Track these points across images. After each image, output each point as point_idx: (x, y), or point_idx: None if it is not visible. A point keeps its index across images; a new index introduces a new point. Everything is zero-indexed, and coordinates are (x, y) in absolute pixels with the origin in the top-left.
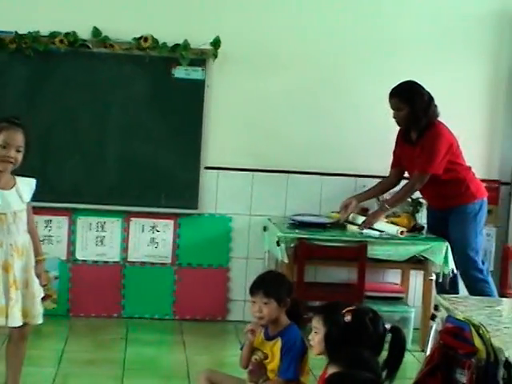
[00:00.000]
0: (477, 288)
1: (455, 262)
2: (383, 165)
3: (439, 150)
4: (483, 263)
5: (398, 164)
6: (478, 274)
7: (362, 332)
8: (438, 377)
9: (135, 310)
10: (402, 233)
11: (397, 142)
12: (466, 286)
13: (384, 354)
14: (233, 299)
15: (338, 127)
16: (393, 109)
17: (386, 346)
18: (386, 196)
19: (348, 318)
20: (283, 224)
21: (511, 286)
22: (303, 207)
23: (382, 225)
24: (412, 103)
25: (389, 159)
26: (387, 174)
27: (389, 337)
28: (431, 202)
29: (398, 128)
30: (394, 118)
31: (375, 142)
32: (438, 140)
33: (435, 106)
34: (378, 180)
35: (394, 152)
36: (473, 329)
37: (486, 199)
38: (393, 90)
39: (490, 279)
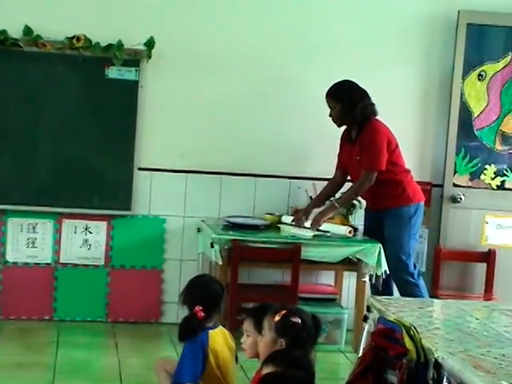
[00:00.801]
0: (407, 291)
1: (387, 264)
2: (317, 167)
3: (379, 145)
4: (415, 267)
5: (343, 166)
6: (409, 277)
7: (303, 329)
8: (369, 378)
9: (67, 312)
10: (350, 232)
11: (340, 144)
12: (398, 288)
13: None
14: (166, 301)
15: (272, 129)
16: (330, 107)
17: None
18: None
19: (298, 320)
20: (217, 226)
21: (442, 287)
22: (237, 209)
23: (329, 225)
24: (341, 101)
25: (324, 161)
26: (322, 176)
27: None
28: (368, 202)
29: (334, 130)
30: (330, 116)
31: (310, 144)
32: (375, 135)
33: (371, 103)
34: (312, 182)
35: (339, 154)
36: (403, 330)
37: (422, 204)
38: (329, 88)
39: (421, 282)
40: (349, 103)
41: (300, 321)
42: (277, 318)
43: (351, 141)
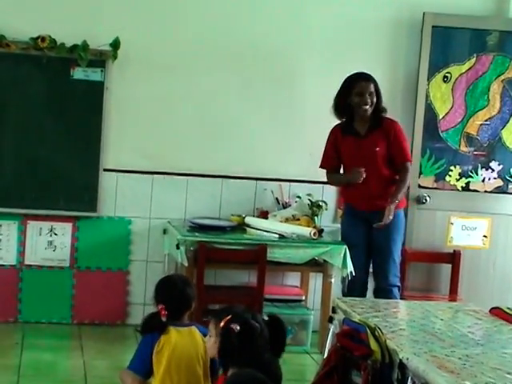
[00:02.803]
0: (393, 293)
1: (379, 266)
2: (283, 168)
3: (406, 137)
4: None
5: (334, 162)
6: (397, 280)
7: (253, 333)
8: (334, 378)
9: (32, 314)
10: (314, 234)
11: (333, 139)
12: (381, 290)
13: None
14: (132, 303)
15: (238, 130)
16: (366, 93)
17: None
18: None
19: (237, 327)
20: (183, 227)
21: (408, 288)
22: (203, 210)
23: (294, 227)
24: (377, 87)
25: (290, 162)
26: (288, 177)
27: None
28: (362, 201)
29: (300, 131)
30: (365, 104)
31: (275, 145)
32: (401, 128)
33: None
34: (278, 183)
35: (328, 151)
36: (368, 331)
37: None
38: (364, 74)
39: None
40: (379, 92)
41: (238, 328)
42: (222, 323)
43: (357, 134)
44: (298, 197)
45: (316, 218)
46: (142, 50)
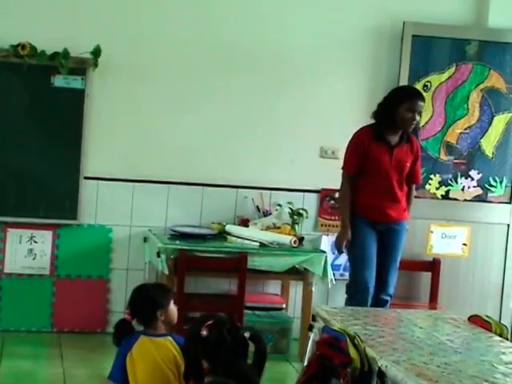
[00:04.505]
0: (388, 303)
1: (383, 277)
2: (263, 176)
3: None
4: None
5: (359, 167)
6: (394, 290)
7: (220, 344)
8: None
9: (12, 322)
10: (295, 242)
11: (361, 143)
12: (381, 301)
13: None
14: (113, 311)
15: (220, 138)
16: (417, 112)
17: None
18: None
19: (204, 332)
20: (164, 235)
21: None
22: (184, 218)
23: (274, 235)
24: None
25: (269, 170)
26: (269, 185)
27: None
28: (382, 214)
29: (283, 140)
30: (413, 121)
31: (256, 153)
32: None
33: None
34: (259, 191)
35: (357, 154)
36: (348, 339)
37: None
38: (420, 93)
39: None
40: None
41: (205, 333)
42: (204, 331)
43: (389, 144)
44: (279, 205)
45: (296, 226)
46: (122, 58)
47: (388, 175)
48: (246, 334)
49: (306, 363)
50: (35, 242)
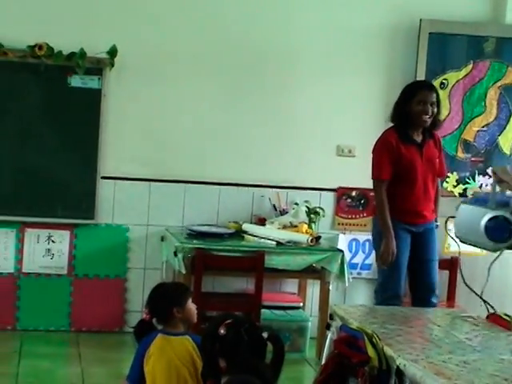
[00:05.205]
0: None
1: (432, 280)
2: (281, 174)
3: None
4: None
5: (391, 172)
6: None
7: (238, 343)
8: None
9: (30, 322)
10: (312, 241)
11: (391, 147)
12: (429, 303)
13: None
14: (130, 310)
15: (236, 137)
16: (428, 102)
17: None
18: None
19: (222, 331)
20: (181, 234)
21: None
22: (201, 217)
23: (291, 234)
24: (440, 101)
25: (286, 169)
26: (285, 184)
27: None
28: (419, 214)
29: (299, 138)
30: (425, 114)
31: (272, 152)
32: None
33: None
34: (275, 190)
35: (390, 160)
36: (366, 337)
37: None
38: (427, 82)
39: None
40: (440, 102)
41: (223, 332)
42: (221, 329)
43: (416, 143)
44: (296, 203)
45: (313, 224)
46: (139, 58)
47: (422, 175)
48: (264, 334)
49: (323, 362)
50: (53, 242)
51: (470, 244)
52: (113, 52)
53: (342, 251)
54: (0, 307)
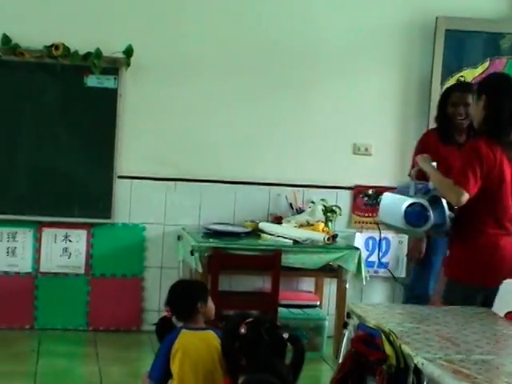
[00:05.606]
0: None
1: None
2: (296, 173)
3: None
4: None
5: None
6: None
7: (258, 342)
8: None
9: (48, 321)
10: (328, 239)
11: (429, 146)
12: None
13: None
14: (147, 309)
15: (252, 136)
16: (461, 104)
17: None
18: None
19: (242, 330)
20: (197, 233)
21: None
22: (217, 216)
23: (308, 232)
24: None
25: (302, 167)
26: (302, 183)
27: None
28: None
29: (318, 136)
30: (459, 115)
31: (289, 151)
32: None
33: None
34: (291, 189)
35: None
36: (383, 336)
37: None
38: (463, 84)
39: None
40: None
41: (243, 331)
42: (242, 328)
43: (457, 143)
44: (312, 202)
45: (330, 223)
46: (154, 57)
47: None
48: (285, 335)
49: (340, 360)
50: (70, 241)
51: (392, 230)
52: (129, 52)
53: (358, 249)
54: (18, 306)
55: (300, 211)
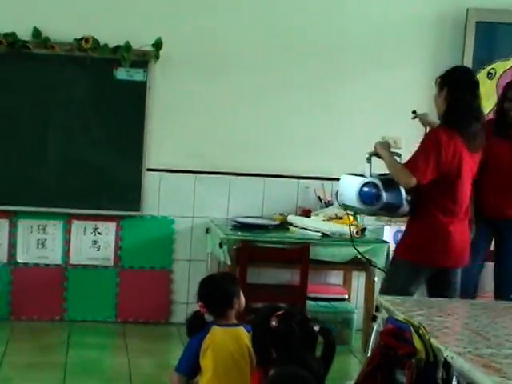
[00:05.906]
0: None
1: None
2: (325, 166)
3: None
4: None
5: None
6: None
7: (289, 335)
8: (378, 377)
9: (78, 312)
10: (357, 232)
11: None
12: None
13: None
14: (176, 301)
15: (280, 129)
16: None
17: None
18: None
19: (273, 323)
20: (226, 226)
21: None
22: (246, 209)
23: (337, 225)
24: None
25: (331, 160)
26: (330, 176)
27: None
28: (495, 209)
29: (344, 128)
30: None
31: (317, 143)
32: None
33: None
34: (319, 182)
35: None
36: (412, 329)
37: None
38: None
39: None
40: None
41: (275, 324)
42: (273, 321)
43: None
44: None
45: (358, 216)
46: (183, 50)
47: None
48: (316, 328)
49: (369, 354)
50: (99, 234)
51: (350, 210)
52: (158, 44)
53: (387, 243)
54: (48, 298)
55: (328, 204)
